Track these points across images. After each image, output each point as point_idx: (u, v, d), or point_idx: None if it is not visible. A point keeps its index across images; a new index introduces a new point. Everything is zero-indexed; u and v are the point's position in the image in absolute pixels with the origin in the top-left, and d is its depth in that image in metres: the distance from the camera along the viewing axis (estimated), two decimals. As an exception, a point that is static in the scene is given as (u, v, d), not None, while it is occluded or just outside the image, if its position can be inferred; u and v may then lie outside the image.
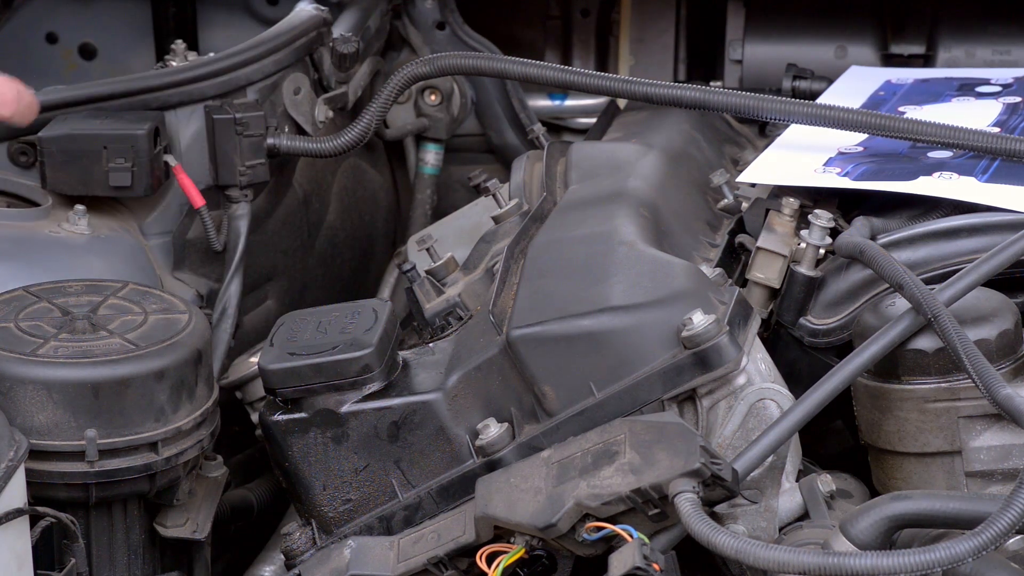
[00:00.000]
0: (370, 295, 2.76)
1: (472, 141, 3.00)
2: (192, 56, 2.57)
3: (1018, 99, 2.46)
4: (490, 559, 1.81)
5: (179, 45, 2.61)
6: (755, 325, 1.94)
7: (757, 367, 1.89)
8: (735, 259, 2.19)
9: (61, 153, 2.26)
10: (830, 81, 2.69)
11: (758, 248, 2.12)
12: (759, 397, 1.87)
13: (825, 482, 1.90)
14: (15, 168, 2.34)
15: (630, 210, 2.09)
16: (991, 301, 1.95)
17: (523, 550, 1.80)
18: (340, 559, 1.91)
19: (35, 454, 1.84)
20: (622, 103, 2.75)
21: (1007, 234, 2.00)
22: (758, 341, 1.93)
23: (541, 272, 1.99)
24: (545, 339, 1.89)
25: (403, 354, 2.01)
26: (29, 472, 1.79)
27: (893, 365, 1.92)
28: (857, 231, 2.08)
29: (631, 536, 1.73)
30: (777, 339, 2.11)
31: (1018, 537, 1.82)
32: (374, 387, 1.95)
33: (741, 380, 1.87)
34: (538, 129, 2.94)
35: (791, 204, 2.16)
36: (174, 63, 2.54)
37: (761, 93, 2.35)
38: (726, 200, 2.28)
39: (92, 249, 2.23)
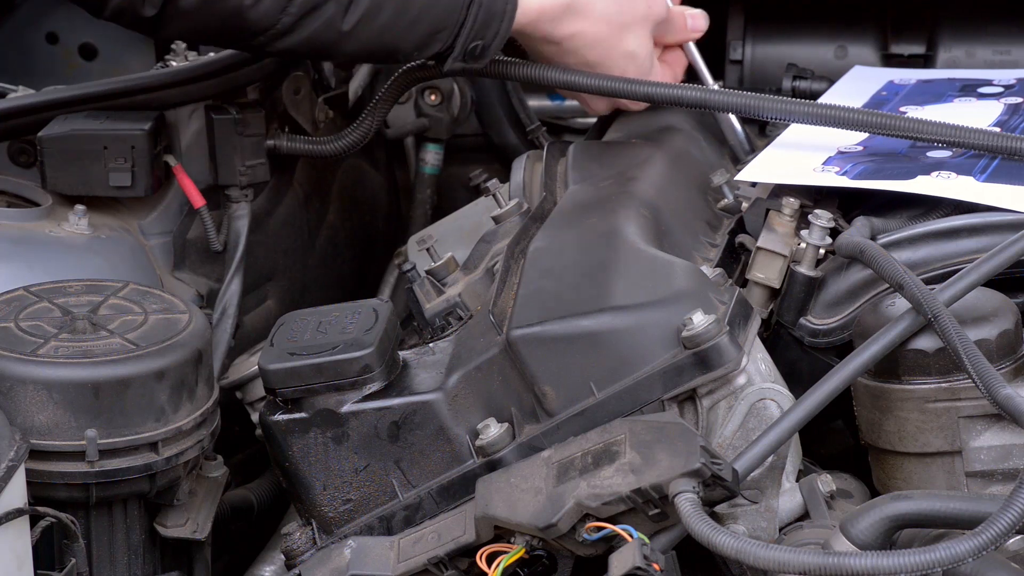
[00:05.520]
0: (370, 295, 2.76)
1: (472, 141, 2.99)
2: (192, 56, 2.57)
3: (1019, 100, 2.45)
4: (490, 559, 1.81)
5: (179, 45, 2.61)
6: (755, 325, 1.93)
7: (757, 367, 1.89)
8: (735, 259, 2.18)
9: (61, 153, 2.26)
10: (831, 81, 2.68)
11: (758, 248, 2.12)
12: (759, 397, 1.87)
13: (825, 482, 1.90)
14: (15, 168, 2.34)
15: (630, 210, 2.08)
16: (991, 301, 1.95)
17: (523, 550, 1.80)
18: (340, 559, 1.91)
19: (35, 454, 1.83)
20: (622, 103, 2.74)
21: (1007, 234, 2.00)
22: (758, 341, 1.93)
23: (541, 272, 1.99)
24: (545, 339, 1.89)
25: (403, 354, 2.01)
26: (29, 472, 1.78)
27: (893, 365, 1.92)
28: (857, 231, 2.08)
29: (631, 536, 1.73)
30: (777, 339, 2.10)
31: (1018, 537, 1.82)
32: (374, 387, 1.94)
33: (741, 380, 1.87)
34: (538, 129, 2.93)
35: (791, 204, 2.16)
36: (174, 63, 2.54)
37: (761, 93, 2.34)
38: (726, 200, 2.28)
39: (92, 249, 2.23)
